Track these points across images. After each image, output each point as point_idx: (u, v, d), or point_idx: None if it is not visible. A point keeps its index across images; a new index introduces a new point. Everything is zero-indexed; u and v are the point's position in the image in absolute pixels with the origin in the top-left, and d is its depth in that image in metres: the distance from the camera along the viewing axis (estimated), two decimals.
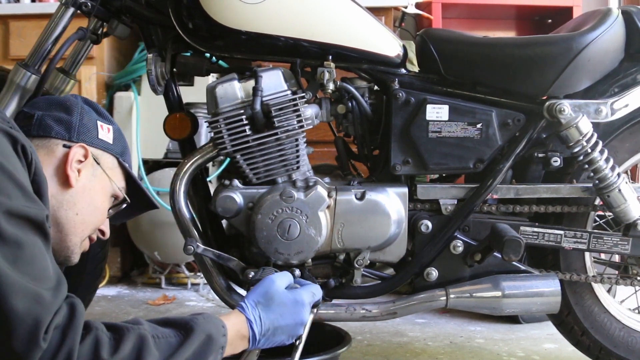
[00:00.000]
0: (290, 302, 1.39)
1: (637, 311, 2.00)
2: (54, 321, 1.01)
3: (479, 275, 1.78)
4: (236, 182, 1.69)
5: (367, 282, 1.81)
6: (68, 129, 1.32)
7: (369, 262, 1.75)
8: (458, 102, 1.78)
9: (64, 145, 1.31)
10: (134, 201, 1.43)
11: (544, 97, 1.78)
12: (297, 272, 1.68)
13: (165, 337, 1.16)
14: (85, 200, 1.31)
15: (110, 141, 1.38)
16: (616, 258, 2.13)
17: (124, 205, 1.41)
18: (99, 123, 1.37)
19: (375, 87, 1.84)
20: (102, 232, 1.41)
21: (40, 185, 1.12)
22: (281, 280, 1.44)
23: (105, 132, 1.37)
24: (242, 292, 1.75)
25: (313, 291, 1.46)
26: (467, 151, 1.77)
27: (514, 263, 1.76)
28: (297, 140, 1.69)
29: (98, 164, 1.34)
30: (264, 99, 1.66)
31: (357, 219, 1.70)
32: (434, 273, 1.78)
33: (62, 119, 1.32)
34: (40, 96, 1.60)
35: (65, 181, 1.28)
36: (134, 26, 1.80)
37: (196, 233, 1.72)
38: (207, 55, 1.80)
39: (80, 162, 1.30)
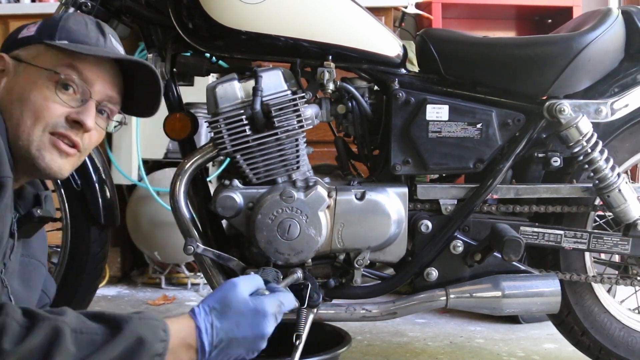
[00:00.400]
0: (249, 311, 1.20)
1: (637, 311, 2.00)
2: None
3: (479, 275, 1.78)
4: (236, 182, 1.69)
5: (367, 282, 1.81)
6: None
7: (369, 262, 1.75)
8: (458, 102, 1.78)
9: None
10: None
11: (544, 97, 1.78)
12: (299, 274, 1.66)
13: (89, 333, 1.04)
14: (12, 100, 1.23)
15: (32, 33, 1.28)
16: (616, 258, 2.13)
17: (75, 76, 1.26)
18: (28, 26, 1.30)
19: (375, 87, 1.84)
20: (78, 121, 1.25)
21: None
22: (245, 285, 1.25)
23: (28, 30, 1.29)
24: None
25: (281, 300, 1.28)
26: (467, 151, 1.77)
27: (514, 263, 1.76)
28: (297, 140, 1.69)
29: (20, 60, 1.25)
30: (264, 99, 1.66)
31: (357, 219, 1.70)
32: (434, 273, 1.78)
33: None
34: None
35: None
36: (134, 26, 1.80)
37: (196, 233, 1.72)
38: (207, 55, 1.80)
39: (2, 71, 1.25)
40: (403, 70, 1.82)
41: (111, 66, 1.31)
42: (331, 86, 1.73)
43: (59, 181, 1.95)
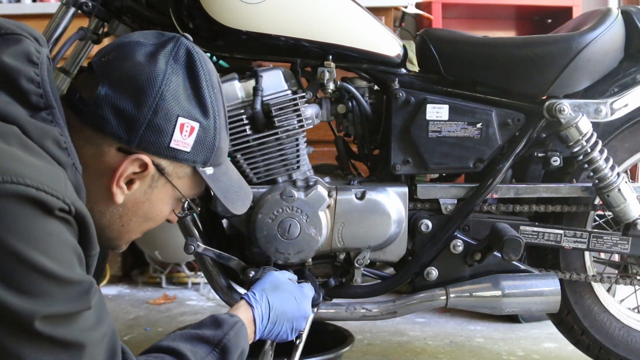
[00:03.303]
0: (295, 289, 1.41)
1: (636, 310, 2.00)
2: None
3: (479, 275, 1.78)
4: None
5: (367, 282, 1.81)
6: (129, 130, 1.00)
7: (369, 261, 1.75)
8: (458, 102, 1.78)
9: (119, 149, 1.02)
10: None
11: (544, 97, 1.79)
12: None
13: (201, 356, 1.09)
14: (136, 213, 1.09)
15: (188, 148, 1.06)
16: (616, 257, 2.13)
17: (197, 211, 1.22)
18: (180, 121, 1.03)
19: (376, 87, 1.84)
20: (169, 221, 1.20)
21: (87, 233, 0.93)
22: (283, 274, 1.48)
23: (184, 136, 1.05)
24: (243, 291, 1.75)
25: (311, 289, 1.50)
26: (467, 151, 1.78)
27: (514, 262, 1.77)
28: (297, 139, 1.69)
29: (162, 174, 1.07)
30: (264, 98, 1.66)
31: (357, 219, 1.70)
32: (434, 272, 1.78)
33: (127, 113, 1.00)
34: (126, 37, 1.12)
35: (107, 195, 1.04)
36: (134, 26, 1.80)
37: (197, 233, 1.73)
38: (208, 55, 1.80)
39: (136, 173, 1.04)
40: (403, 70, 1.83)
41: None
42: (331, 86, 1.73)
43: None
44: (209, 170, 1.12)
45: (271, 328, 1.33)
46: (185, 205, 1.18)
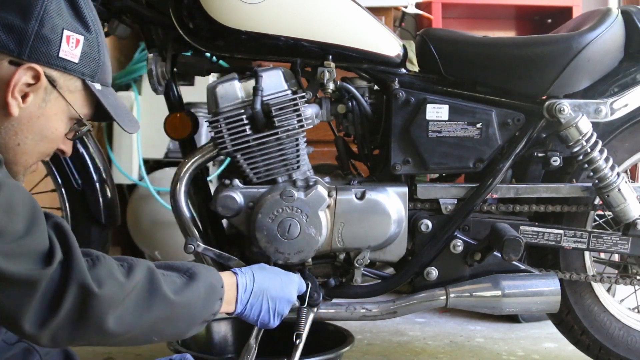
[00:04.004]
0: (281, 272, 1.48)
1: (636, 310, 2.00)
2: (54, 254, 0.97)
3: (479, 275, 1.78)
4: (236, 181, 1.69)
5: (367, 282, 1.81)
6: (19, 42, 1.05)
7: (369, 261, 1.75)
8: (458, 101, 1.78)
9: (11, 62, 1.06)
10: (102, 116, 1.21)
11: (544, 97, 1.78)
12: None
13: (169, 276, 1.16)
14: (31, 129, 1.11)
15: (76, 60, 1.12)
16: (616, 257, 2.13)
17: (85, 130, 1.20)
18: (66, 34, 1.10)
19: (375, 87, 1.84)
20: (62, 151, 1.22)
21: None
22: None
23: (71, 47, 1.10)
24: None
25: (300, 278, 1.55)
26: (467, 151, 1.78)
27: (514, 262, 1.77)
28: (297, 139, 1.69)
29: (54, 87, 1.11)
30: (265, 98, 1.66)
31: (357, 219, 1.70)
32: (434, 272, 1.78)
33: (14, 27, 1.05)
34: None
35: (3, 107, 1.07)
36: (134, 26, 1.81)
37: (197, 232, 1.72)
38: (208, 55, 1.80)
39: (29, 85, 1.08)
40: (403, 70, 1.83)
41: None
42: (331, 86, 1.73)
43: (59, 180, 1.96)
44: (97, 86, 1.18)
45: (253, 302, 1.36)
46: (78, 127, 1.19)
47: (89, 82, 1.16)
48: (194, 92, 2.47)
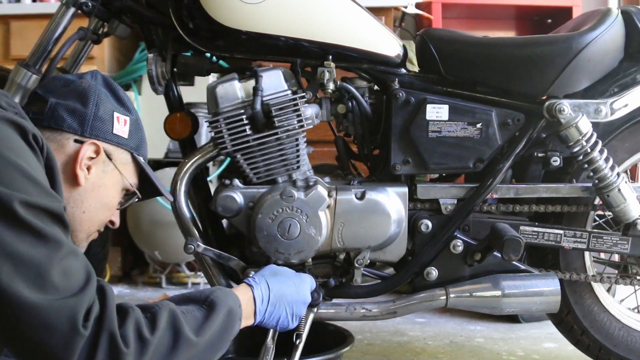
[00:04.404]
0: (294, 275, 1.49)
1: (636, 310, 2.00)
2: (92, 311, 1.03)
3: (479, 275, 1.78)
4: (236, 181, 1.69)
5: (367, 282, 1.81)
6: (81, 123, 1.25)
7: (369, 261, 1.75)
8: (458, 102, 1.78)
9: (76, 141, 1.24)
10: (146, 191, 1.38)
11: (544, 97, 1.79)
12: None
13: (190, 312, 1.19)
14: (94, 198, 1.27)
15: (126, 135, 1.31)
16: (616, 257, 2.13)
17: (135, 199, 1.37)
18: (116, 115, 1.29)
19: (375, 87, 1.84)
20: (112, 222, 1.37)
21: (55, 176, 1.11)
22: (282, 267, 1.55)
23: (121, 126, 1.30)
24: None
25: (311, 278, 1.55)
26: (467, 151, 1.78)
27: (514, 262, 1.77)
28: (297, 140, 1.69)
29: (110, 160, 1.29)
30: (264, 98, 1.66)
31: (357, 219, 1.70)
32: (434, 272, 1.78)
33: (76, 111, 1.25)
34: (57, 74, 1.49)
35: (73, 179, 1.23)
36: (134, 26, 1.81)
37: (197, 232, 1.73)
38: (208, 55, 1.80)
39: (91, 158, 1.25)
40: (403, 70, 1.83)
41: None
42: (331, 86, 1.73)
43: None
44: (141, 159, 1.35)
45: (272, 311, 1.39)
46: (130, 196, 1.36)
47: (135, 155, 1.33)
48: (194, 92, 2.46)
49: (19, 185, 1.00)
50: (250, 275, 1.44)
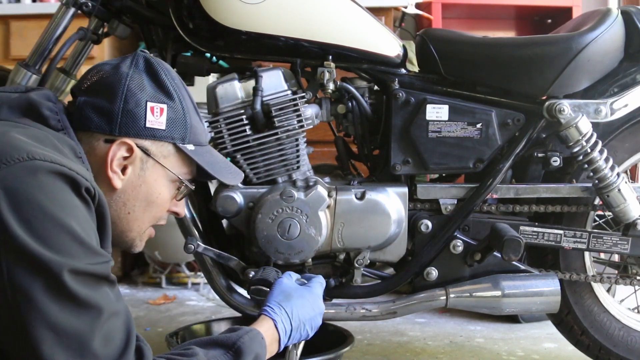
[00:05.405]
0: (307, 293, 1.44)
1: (636, 310, 2.00)
2: None
3: (479, 275, 1.78)
4: None
5: (367, 282, 1.81)
6: (109, 121, 1.17)
7: (369, 261, 1.75)
8: (458, 102, 1.78)
9: (106, 141, 1.18)
10: (207, 174, 1.30)
11: (544, 97, 1.79)
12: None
13: (216, 358, 1.16)
14: (137, 197, 1.21)
15: (163, 126, 1.21)
16: (616, 258, 2.13)
17: (187, 190, 1.30)
18: (149, 105, 1.20)
19: (375, 87, 1.84)
20: (176, 213, 1.32)
21: (105, 222, 1.08)
22: (289, 279, 1.49)
23: (156, 117, 1.20)
24: (243, 291, 1.75)
25: (320, 282, 1.52)
26: (467, 151, 1.78)
27: (514, 263, 1.77)
28: (297, 140, 1.69)
29: (149, 155, 1.20)
30: (264, 98, 1.66)
31: (357, 219, 1.70)
32: (433, 272, 1.78)
33: (103, 109, 1.18)
34: (100, 62, 1.34)
35: (108, 183, 1.17)
36: (134, 26, 1.81)
37: (197, 232, 1.73)
38: (208, 55, 1.81)
39: (126, 158, 1.18)
40: (403, 70, 1.83)
41: None
42: (331, 86, 1.73)
43: None
44: (190, 147, 1.26)
45: (294, 335, 1.37)
46: (184, 187, 1.28)
47: (180, 144, 1.24)
48: (194, 92, 2.45)
49: (68, 249, 0.97)
50: (267, 306, 1.38)
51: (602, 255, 2.10)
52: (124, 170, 1.19)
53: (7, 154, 0.98)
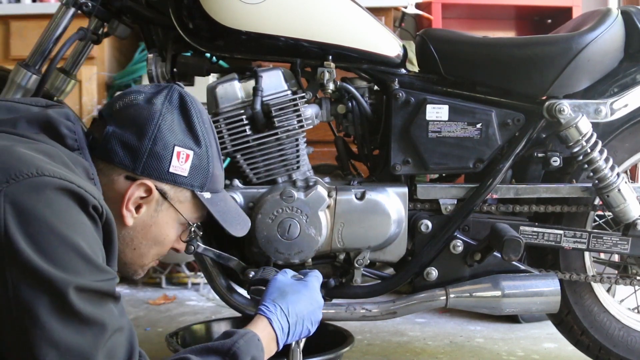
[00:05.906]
0: (303, 288, 1.42)
1: (636, 311, 2.00)
2: None
3: (479, 275, 1.78)
4: (236, 181, 1.70)
5: (367, 282, 1.81)
6: (134, 159, 1.18)
7: (369, 261, 1.75)
8: (458, 102, 1.78)
9: (127, 177, 1.19)
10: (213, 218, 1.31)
11: (544, 97, 1.79)
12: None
13: None
14: (145, 236, 1.23)
15: (185, 173, 1.22)
16: (616, 258, 2.13)
17: (195, 236, 1.32)
18: (177, 150, 1.20)
19: (375, 87, 1.84)
20: (176, 250, 1.34)
21: (112, 240, 1.08)
22: (284, 275, 1.47)
23: (181, 163, 1.21)
24: (243, 291, 1.75)
25: (316, 275, 1.49)
26: (467, 151, 1.78)
27: (514, 263, 1.77)
28: (297, 140, 1.69)
29: (165, 198, 1.22)
30: (264, 99, 1.66)
31: (357, 219, 1.70)
32: (433, 273, 1.78)
33: (130, 145, 1.18)
34: (136, 86, 1.35)
35: (120, 219, 1.18)
36: (134, 26, 1.81)
37: None
38: (208, 55, 1.80)
39: (143, 198, 1.19)
40: (403, 70, 1.83)
41: None
42: (331, 86, 1.73)
43: None
44: (207, 195, 1.27)
45: (293, 331, 1.36)
46: (191, 230, 1.31)
47: (197, 192, 1.25)
48: (194, 92, 2.45)
49: (74, 266, 0.97)
50: (262, 305, 1.37)
51: (602, 256, 2.10)
52: (137, 208, 1.20)
53: (16, 170, 0.98)
